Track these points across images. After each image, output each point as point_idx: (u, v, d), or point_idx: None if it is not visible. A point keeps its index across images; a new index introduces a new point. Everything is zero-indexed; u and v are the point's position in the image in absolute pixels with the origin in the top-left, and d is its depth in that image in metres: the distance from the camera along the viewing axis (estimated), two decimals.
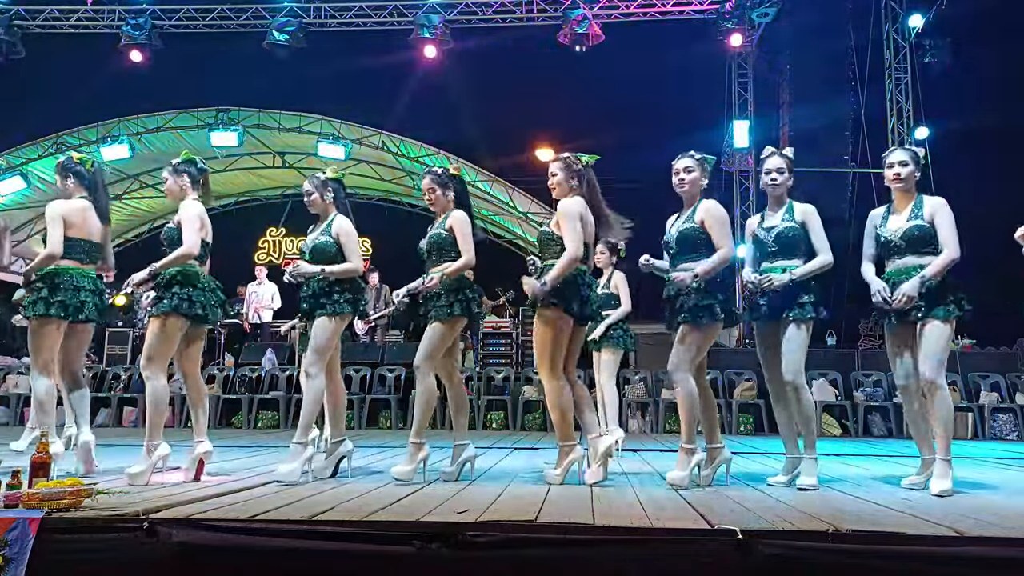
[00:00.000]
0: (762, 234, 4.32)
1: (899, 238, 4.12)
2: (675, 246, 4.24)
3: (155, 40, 14.46)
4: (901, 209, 4.19)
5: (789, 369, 4.10)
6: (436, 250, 4.47)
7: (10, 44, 14.35)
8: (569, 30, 13.88)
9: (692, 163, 4.27)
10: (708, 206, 4.21)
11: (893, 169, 4.19)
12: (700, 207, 4.22)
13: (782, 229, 4.25)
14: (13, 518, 2.86)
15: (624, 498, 3.70)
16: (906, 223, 4.12)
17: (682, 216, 4.30)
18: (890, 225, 4.19)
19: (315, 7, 14.65)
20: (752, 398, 9.82)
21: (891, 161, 4.22)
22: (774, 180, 4.32)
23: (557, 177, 4.37)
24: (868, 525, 2.92)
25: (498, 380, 10.69)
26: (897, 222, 4.17)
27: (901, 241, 4.11)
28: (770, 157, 4.37)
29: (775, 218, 4.33)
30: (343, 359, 5.14)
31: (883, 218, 4.25)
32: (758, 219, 4.45)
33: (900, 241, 4.11)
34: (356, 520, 2.97)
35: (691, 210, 4.24)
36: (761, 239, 4.32)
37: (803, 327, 4.12)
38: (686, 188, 4.27)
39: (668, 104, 14.38)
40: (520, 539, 2.78)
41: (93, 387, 10.68)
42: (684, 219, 4.25)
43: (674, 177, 4.31)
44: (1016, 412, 9.33)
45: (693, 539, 2.79)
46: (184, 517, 2.97)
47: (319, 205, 4.63)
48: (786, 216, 4.29)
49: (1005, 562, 2.65)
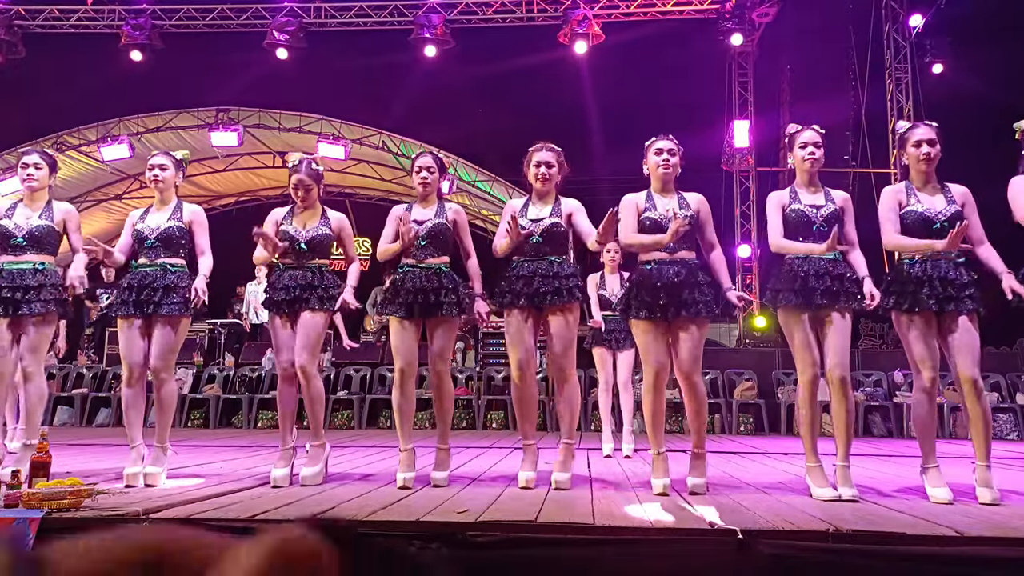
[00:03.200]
0: (809, 212, 3.95)
1: (945, 220, 3.80)
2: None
3: (155, 40, 14.44)
4: (929, 191, 3.91)
5: (844, 363, 3.90)
6: (434, 239, 4.28)
7: (10, 44, 14.35)
8: (569, 30, 13.89)
9: (675, 146, 4.11)
10: (702, 198, 4.14)
11: (922, 149, 3.88)
12: (689, 196, 4.12)
13: (831, 211, 3.95)
14: (13, 518, 2.86)
15: (625, 498, 3.70)
16: (948, 205, 3.85)
17: (671, 200, 4.09)
18: (928, 204, 3.86)
19: (315, 7, 14.63)
20: (752, 398, 9.82)
21: (918, 139, 3.91)
22: (812, 154, 3.99)
23: (553, 168, 4.26)
24: (868, 525, 2.92)
25: (498, 380, 10.68)
26: (935, 203, 3.87)
27: (947, 223, 3.79)
28: (803, 131, 4.05)
29: (816, 197, 4.01)
30: (344, 359, 5.12)
31: (908, 195, 3.92)
32: (787, 196, 4.05)
33: (946, 223, 3.79)
34: (356, 520, 2.97)
35: (677, 196, 4.11)
36: (808, 217, 3.95)
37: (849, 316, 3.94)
38: (670, 171, 4.08)
39: (668, 103, 14.38)
40: (520, 539, 2.78)
41: (93, 387, 10.72)
42: (679, 205, 4.06)
43: (657, 157, 4.07)
44: (1016, 412, 9.33)
45: (693, 539, 2.80)
46: (184, 517, 2.97)
47: (313, 196, 4.47)
48: (827, 197, 4.01)
49: (1005, 562, 2.65)
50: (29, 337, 4.34)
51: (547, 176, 4.25)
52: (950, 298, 3.73)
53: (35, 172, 4.47)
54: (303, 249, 4.35)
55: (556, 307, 4.12)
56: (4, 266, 4.37)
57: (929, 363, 3.76)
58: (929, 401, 3.84)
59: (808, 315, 3.89)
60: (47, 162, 4.56)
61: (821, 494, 3.71)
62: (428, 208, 4.37)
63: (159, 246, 4.31)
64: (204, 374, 10.91)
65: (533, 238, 4.18)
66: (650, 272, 3.99)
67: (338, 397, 10.17)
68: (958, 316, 3.73)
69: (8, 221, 4.42)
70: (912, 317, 3.79)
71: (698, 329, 3.95)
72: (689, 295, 3.90)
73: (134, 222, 4.43)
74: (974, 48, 13.84)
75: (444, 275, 4.25)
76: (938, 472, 3.78)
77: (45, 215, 4.47)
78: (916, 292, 3.77)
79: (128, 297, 4.24)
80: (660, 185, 4.12)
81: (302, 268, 4.34)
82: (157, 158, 4.45)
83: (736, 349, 12.67)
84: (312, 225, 4.41)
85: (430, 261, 4.26)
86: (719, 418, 9.82)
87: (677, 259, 3.99)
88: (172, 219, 4.38)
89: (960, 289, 3.74)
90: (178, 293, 4.24)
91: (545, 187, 4.28)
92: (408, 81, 15.19)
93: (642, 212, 4.07)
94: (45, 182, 4.54)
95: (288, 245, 4.33)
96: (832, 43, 15.47)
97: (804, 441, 3.99)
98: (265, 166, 17.19)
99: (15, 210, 4.48)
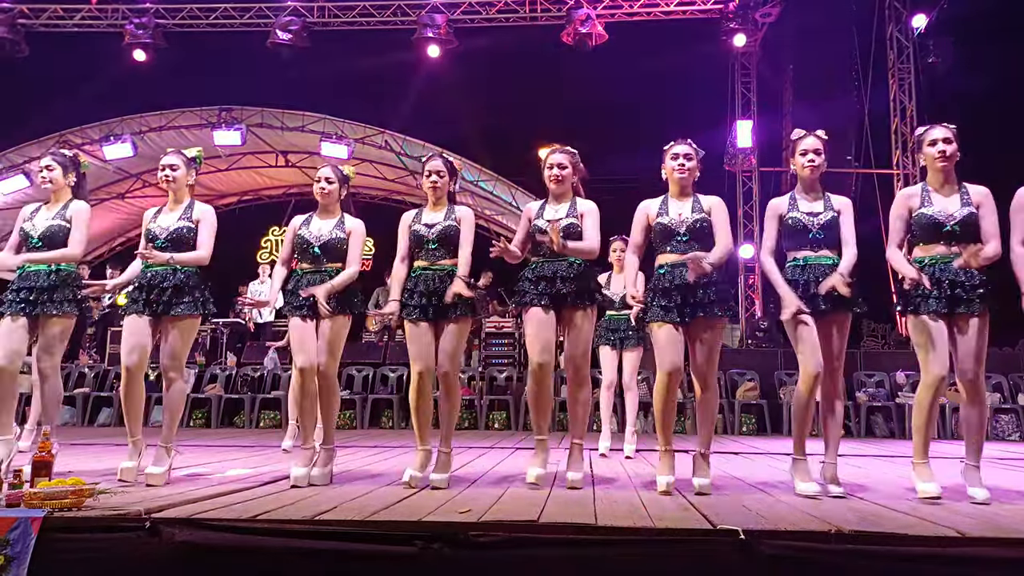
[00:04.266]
0: (806, 220, 3.99)
1: (956, 224, 3.79)
2: (686, 234, 4.03)
3: (158, 39, 14.47)
4: (946, 192, 3.87)
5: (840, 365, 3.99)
6: (444, 241, 4.27)
7: (13, 43, 14.37)
8: (573, 29, 13.89)
9: (692, 151, 4.14)
10: (717, 201, 4.13)
11: (937, 147, 3.83)
12: (705, 199, 4.12)
13: (830, 219, 3.98)
14: (15, 517, 2.87)
15: (626, 498, 3.70)
16: (961, 208, 3.80)
17: (685, 204, 4.11)
18: (939, 207, 3.83)
19: (318, 6, 14.66)
20: (755, 398, 9.81)
21: (934, 138, 3.86)
22: (812, 161, 4.02)
23: (566, 170, 4.28)
24: (870, 526, 2.92)
25: (500, 380, 10.69)
26: (948, 205, 3.83)
27: (957, 227, 3.78)
28: (804, 138, 4.08)
29: (815, 204, 4.03)
30: (344, 359, 5.10)
31: (922, 199, 3.88)
32: (787, 203, 4.10)
33: (956, 227, 3.78)
34: (358, 520, 2.97)
35: (692, 199, 4.12)
36: (804, 225, 3.99)
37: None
38: (686, 175, 4.10)
39: (671, 104, 14.38)
40: (522, 539, 2.78)
41: (95, 386, 10.73)
42: (691, 209, 4.08)
43: (673, 161, 4.09)
44: (1018, 413, 9.31)
45: (695, 539, 2.80)
46: (186, 517, 2.98)
47: (334, 197, 4.48)
48: (827, 203, 4.03)
49: (1006, 562, 2.65)
50: (44, 338, 4.41)
51: (560, 177, 4.28)
52: (960, 300, 3.74)
53: (48, 174, 4.57)
54: (317, 253, 4.34)
55: (576, 307, 4.16)
56: (24, 268, 4.48)
57: (938, 363, 3.74)
58: (932, 402, 3.80)
59: (813, 318, 3.90)
60: (59, 163, 4.60)
61: (804, 488, 3.78)
62: (438, 211, 4.37)
63: (169, 246, 4.30)
64: (206, 374, 10.92)
65: (553, 242, 4.17)
66: (664, 275, 4.04)
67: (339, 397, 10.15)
68: (969, 318, 3.74)
69: (28, 223, 4.54)
70: (924, 319, 3.77)
71: (714, 330, 4.00)
72: (704, 295, 3.93)
73: (147, 221, 4.44)
74: (977, 48, 13.83)
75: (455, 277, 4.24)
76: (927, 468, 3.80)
77: (59, 215, 4.52)
78: (926, 295, 3.77)
79: (139, 296, 4.25)
80: (677, 189, 4.16)
81: (319, 272, 4.32)
82: (168, 158, 4.44)
83: (738, 349, 12.65)
84: (328, 229, 4.40)
85: (442, 263, 4.26)
86: (721, 418, 9.80)
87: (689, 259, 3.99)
88: (183, 219, 4.36)
89: (970, 291, 3.74)
90: (188, 293, 4.23)
91: (559, 188, 4.31)
92: (411, 81, 15.22)
93: (655, 218, 4.13)
94: (61, 183, 4.58)
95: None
96: (835, 43, 15.44)
97: (794, 435, 4.05)
98: (268, 165, 17.19)
99: (38, 212, 4.58)
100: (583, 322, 4.17)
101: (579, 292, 4.15)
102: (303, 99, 15.24)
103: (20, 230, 4.52)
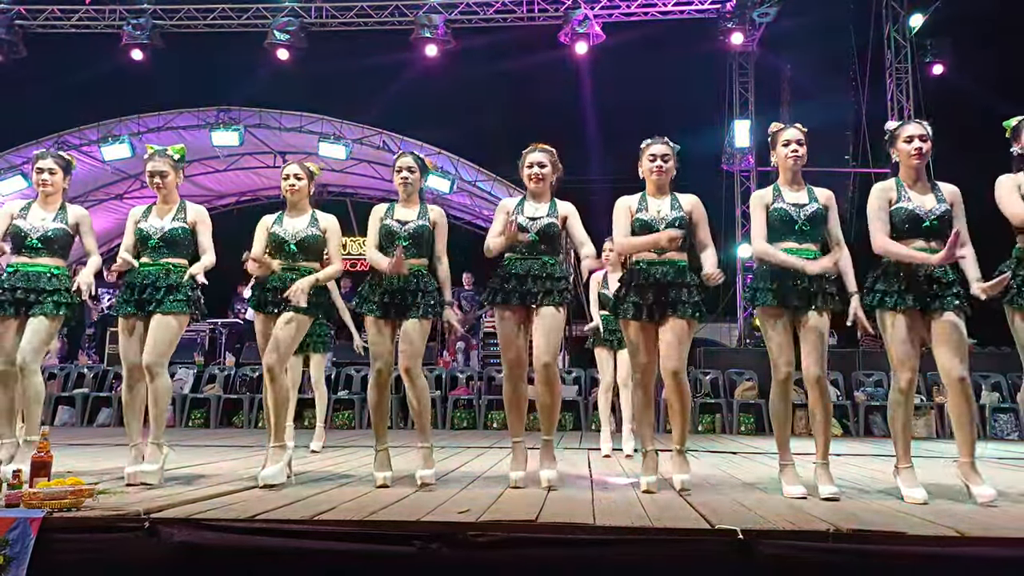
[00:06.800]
0: (791, 210, 3.94)
1: (935, 219, 3.77)
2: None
3: (156, 39, 14.44)
4: (919, 188, 3.85)
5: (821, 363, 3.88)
6: (416, 240, 4.27)
7: (11, 43, 14.35)
8: (570, 30, 13.89)
9: (669, 150, 4.14)
10: (695, 200, 4.15)
11: (914, 144, 3.82)
12: (683, 197, 4.14)
13: (815, 210, 3.94)
14: (14, 518, 2.87)
15: (625, 498, 3.70)
16: (938, 204, 3.79)
17: (663, 202, 4.11)
18: (918, 202, 3.80)
19: (316, 7, 14.63)
20: (753, 398, 9.81)
21: (910, 134, 3.85)
22: (795, 151, 3.96)
23: (546, 169, 4.28)
24: (869, 525, 2.92)
25: (499, 380, 10.68)
26: (926, 201, 3.81)
27: (935, 222, 3.77)
28: (786, 129, 4.03)
29: (799, 196, 3.99)
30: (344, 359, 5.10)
31: (899, 194, 3.84)
32: (770, 194, 4.04)
33: (936, 221, 3.77)
34: (357, 520, 2.97)
35: (670, 197, 4.13)
36: (790, 216, 3.93)
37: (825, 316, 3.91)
38: (663, 176, 4.11)
39: (669, 103, 14.35)
40: (521, 539, 2.78)
41: (94, 387, 10.72)
42: (670, 206, 4.08)
43: (651, 162, 4.10)
44: (1017, 412, 9.32)
45: (694, 539, 2.80)
46: (185, 517, 2.98)
47: (304, 193, 4.43)
48: (811, 196, 4.00)
49: (1005, 562, 2.65)
50: (33, 336, 4.33)
51: (540, 176, 4.29)
52: (935, 296, 3.74)
53: (49, 177, 4.50)
54: (293, 250, 4.33)
55: (546, 306, 4.15)
56: (20, 267, 4.41)
57: (909, 364, 3.75)
58: (906, 403, 3.84)
59: (786, 316, 3.91)
60: (61, 166, 4.57)
61: (791, 491, 3.79)
62: (411, 209, 4.36)
63: (163, 246, 4.32)
64: (205, 374, 10.91)
65: (529, 235, 4.21)
66: (639, 272, 4.06)
67: (339, 397, 10.17)
68: (943, 314, 3.73)
69: (23, 222, 4.45)
70: (896, 315, 3.77)
71: (684, 329, 3.97)
72: (676, 295, 3.96)
73: (136, 220, 4.41)
74: (975, 48, 13.83)
75: (422, 276, 4.26)
76: (912, 473, 3.82)
77: (59, 218, 4.50)
78: (902, 291, 3.76)
79: (130, 297, 4.26)
80: (654, 188, 4.17)
81: (294, 270, 4.30)
82: (155, 165, 4.40)
83: (736, 349, 12.66)
84: (303, 226, 4.38)
85: (410, 262, 4.22)
86: (720, 418, 9.82)
87: (666, 260, 4.03)
88: (176, 220, 4.38)
89: (945, 288, 3.74)
90: (180, 292, 4.24)
91: (539, 187, 4.32)
92: (409, 81, 15.20)
93: (634, 214, 4.13)
94: (60, 186, 4.56)
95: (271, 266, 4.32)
96: (832, 43, 15.45)
97: (776, 440, 4.06)
98: (266, 166, 17.16)
99: (29, 210, 4.51)
100: (552, 321, 4.14)
101: (548, 292, 4.15)
102: (301, 99, 15.24)
103: (11, 225, 4.44)
